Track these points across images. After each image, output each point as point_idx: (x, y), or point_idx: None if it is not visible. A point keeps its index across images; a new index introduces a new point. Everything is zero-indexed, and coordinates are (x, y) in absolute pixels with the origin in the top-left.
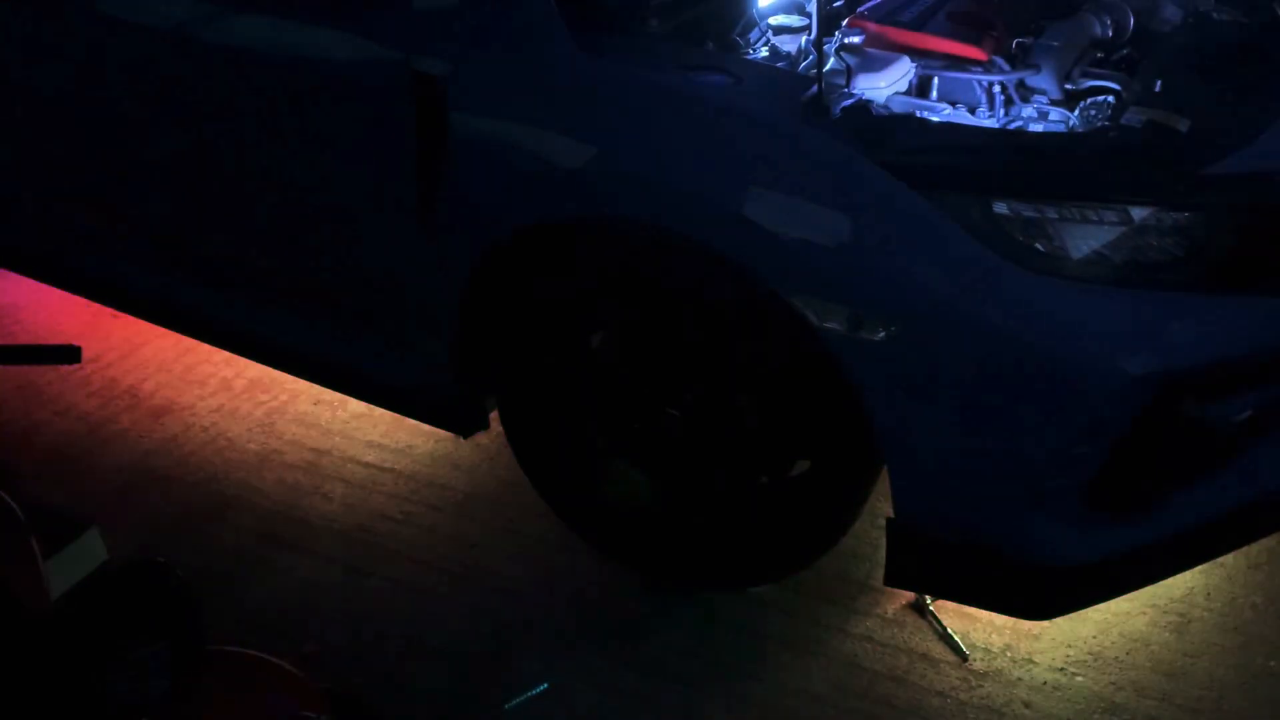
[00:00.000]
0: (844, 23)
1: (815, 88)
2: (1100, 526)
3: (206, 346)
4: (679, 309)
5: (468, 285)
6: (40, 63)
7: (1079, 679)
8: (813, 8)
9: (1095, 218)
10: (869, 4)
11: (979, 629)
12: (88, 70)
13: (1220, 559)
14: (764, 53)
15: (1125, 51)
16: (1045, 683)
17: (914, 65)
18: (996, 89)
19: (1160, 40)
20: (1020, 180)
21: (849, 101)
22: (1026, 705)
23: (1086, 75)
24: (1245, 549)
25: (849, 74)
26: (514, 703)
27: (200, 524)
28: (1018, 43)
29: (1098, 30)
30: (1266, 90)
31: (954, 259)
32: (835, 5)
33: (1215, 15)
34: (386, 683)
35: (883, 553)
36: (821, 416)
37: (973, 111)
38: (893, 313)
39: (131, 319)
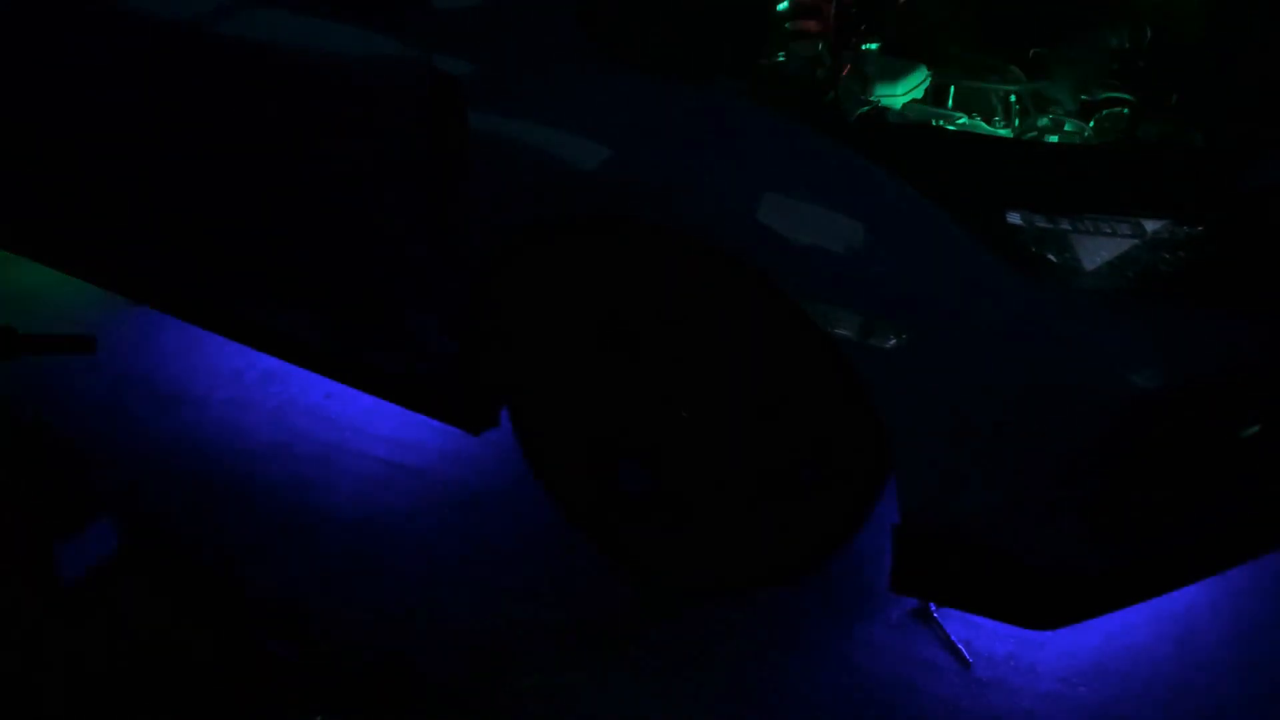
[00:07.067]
0: (860, 28)
1: (832, 94)
2: (1107, 538)
3: (219, 337)
4: (691, 312)
5: (481, 283)
6: (49, 56)
7: (1082, 690)
8: (831, 14)
9: (1109, 230)
10: None
11: (983, 637)
12: (101, 63)
13: (1226, 573)
14: (780, 59)
15: (1142, 64)
16: (1048, 692)
17: (930, 73)
18: (1012, 99)
19: (1177, 52)
20: (1034, 191)
21: (865, 109)
22: (1029, 714)
23: (1102, 86)
24: (1251, 564)
25: (866, 81)
26: None
27: (210, 514)
28: (1034, 53)
29: (1114, 42)
30: None
31: (966, 268)
32: (852, 12)
33: (1232, 28)
34: (393, 679)
35: (887, 559)
36: (831, 422)
37: (988, 121)
38: (904, 320)
39: (144, 308)
